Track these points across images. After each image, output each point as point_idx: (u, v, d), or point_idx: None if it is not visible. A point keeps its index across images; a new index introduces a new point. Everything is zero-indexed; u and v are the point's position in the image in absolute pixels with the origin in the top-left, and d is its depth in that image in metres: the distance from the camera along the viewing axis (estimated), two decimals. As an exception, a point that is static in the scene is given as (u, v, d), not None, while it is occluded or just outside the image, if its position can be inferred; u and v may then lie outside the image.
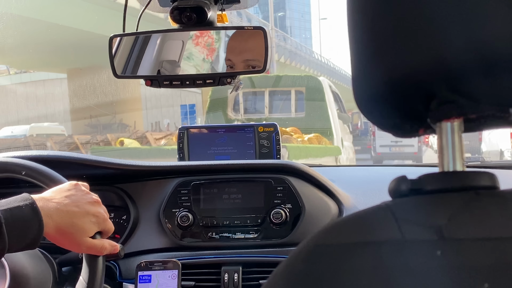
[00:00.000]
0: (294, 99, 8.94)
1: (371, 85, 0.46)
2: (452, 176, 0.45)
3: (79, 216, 0.98)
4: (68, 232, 0.97)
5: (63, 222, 0.95)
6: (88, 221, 0.99)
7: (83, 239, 0.99)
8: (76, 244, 0.99)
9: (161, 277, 1.33)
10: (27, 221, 0.88)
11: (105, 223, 1.04)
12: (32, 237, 0.88)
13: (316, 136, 8.13)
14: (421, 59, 0.42)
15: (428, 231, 0.40)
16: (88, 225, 0.99)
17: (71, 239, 0.98)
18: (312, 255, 0.43)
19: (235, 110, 8.97)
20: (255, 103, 9.27)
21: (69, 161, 1.38)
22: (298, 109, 8.92)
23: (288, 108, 9.01)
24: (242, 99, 9.04)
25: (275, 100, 9.17)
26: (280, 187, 1.43)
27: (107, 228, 1.05)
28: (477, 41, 0.40)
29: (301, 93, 8.88)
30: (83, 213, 0.99)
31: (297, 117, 8.75)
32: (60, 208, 0.96)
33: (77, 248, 1.00)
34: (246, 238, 1.41)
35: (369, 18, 0.45)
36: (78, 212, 0.98)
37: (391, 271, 0.39)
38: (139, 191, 1.49)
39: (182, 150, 1.68)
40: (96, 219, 1.01)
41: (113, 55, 1.17)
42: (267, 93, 9.04)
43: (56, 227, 0.94)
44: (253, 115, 8.86)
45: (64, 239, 0.97)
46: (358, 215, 0.45)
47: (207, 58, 1.19)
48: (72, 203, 0.98)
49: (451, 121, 0.45)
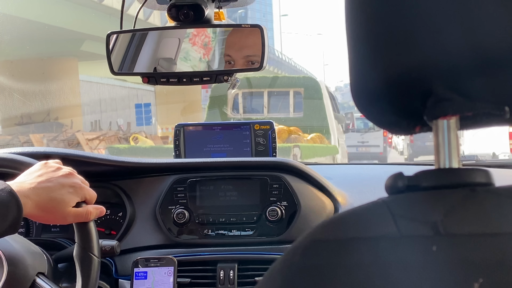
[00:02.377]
0: (292, 99, 8.98)
1: (369, 83, 0.47)
2: (448, 173, 0.46)
3: (55, 189, 1.01)
4: (50, 207, 1.00)
5: (41, 199, 0.98)
6: (65, 192, 1.02)
7: (66, 210, 1.02)
8: (61, 216, 1.02)
9: (157, 273, 1.33)
10: (5, 204, 0.91)
11: (83, 191, 1.06)
12: (12, 219, 0.91)
13: (318, 136, 8.14)
14: (418, 57, 0.43)
15: (424, 227, 0.41)
16: (67, 196, 1.02)
17: (55, 213, 1.01)
18: (309, 250, 0.44)
19: (234, 110, 8.99)
20: (254, 103, 9.30)
21: (65, 158, 1.38)
22: (296, 109, 8.95)
23: (286, 108, 9.04)
24: (241, 99, 9.07)
25: (274, 100, 9.19)
26: (276, 184, 1.43)
27: (88, 196, 1.07)
28: (473, 40, 0.41)
29: (299, 93, 8.92)
30: (58, 186, 1.02)
31: (295, 117, 8.78)
32: (36, 186, 0.99)
33: (63, 219, 1.03)
34: (242, 236, 1.42)
35: (367, 17, 0.45)
36: (53, 186, 1.01)
37: (387, 266, 0.40)
38: (135, 188, 1.49)
39: (179, 147, 1.69)
40: (73, 189, 1.04)
41: (110, 52, 1.18)
42: (266, 93, 9.07)
43: (36, 206, 0.97)
44: (252, 115, 8.88)
45: (48, 215, 1.01)
46: (355, 211, 0.46)
47: (204, 57, 1.19)
48: (46, 180, 1.01)
49: (447, 119, 0.46)
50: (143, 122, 16.76)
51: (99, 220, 1.48)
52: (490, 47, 0.41)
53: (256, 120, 1.69)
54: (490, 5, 0.40)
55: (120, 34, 1.19)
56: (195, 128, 1.70)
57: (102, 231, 1.47)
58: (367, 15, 0.45)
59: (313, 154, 7.56)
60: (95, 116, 18.30)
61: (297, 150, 6.75)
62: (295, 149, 6.73)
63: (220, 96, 8.91)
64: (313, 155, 7.51)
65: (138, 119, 17.03)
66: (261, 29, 1.11)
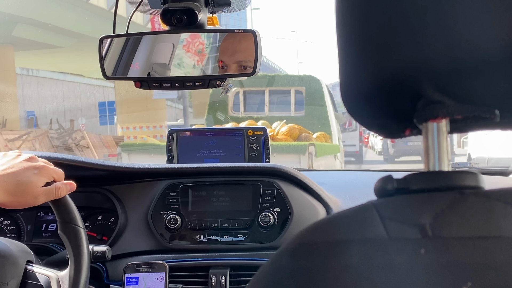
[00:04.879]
0: (293, 98, 9.01)
1: (359, 85, 0.47)
2: (437, 176, 0.46)
3: (20, 173, 1.04)
4: (19, 191, 1.03)
5: (8, 185, 1.02)
6: (31, 174, 1.05)
7: (35, 191, 1.05)
8: (31, 198, 1.05)
9: (148, 279, 1.32)
10: None
11: (49, 171, 1.08)
12: None
13: (323, 135, 8.14)
14: (408, 59, 0.42)
15: (412, 229, 0.41)
16: (33, 178, 1.05)
17: (25, 196, 1.04)
18: (297, 253, 0.44)
19: (235, 109, 9.01)
20: (255, 102, 9.31)
21: (57, 162, 1.37)
22: (298, 108, 8.98)
23: (287, 107, 9.07)
24: (242, 97, 9.09)
25: (275, 99, 9.22)
26: (269, 190, 1.43)
27: (55, 175, 1.10)
28: (460, 43, 0.41)
29: (300, 92, 8.95)
30: (22, 170, 1.04)
31: (296, 116, 8.79)
32: (0, 174, 1.03)
33: (35, 200, 1.05)
34: (234, 241, 1.41)
35: (356, 18, 0.45)
36: (17, 171, 1.04)
37: (375, 269, 0.40)
38: (127, 193, 1.48)
39: (171, 152, 1.68)
40: (38, 170, 1.06)
41: (103, 56, 1.17)
42: (267, 92, 9.09)
43: (5, 192, 1.01)
44: (253, 114, 8.89)
45: (19, 199, 1.04)
46: (344, 214, 0.45)
47: (198, 64, 1.19)
48: (8, 167, 1.05)
49: (437, 122, 0.46)
50: (107, 121, 16.39)
51: (91, 226, 1.48)
52: (476, 51, 0.41)
53: (259, 120, 1.69)
54: (477, 10, 0.40)
55: (113, 38, 1.19)
56: (188, 134, 1.70)
57: (94, 236, 1.46)
58: (356, 16, 0.45)
59: (323, 152, 7.58)
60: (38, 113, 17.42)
61: (312, 148, 6.75)
62: (310, 147, 6.73)
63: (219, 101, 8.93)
64: (323, 153, 7.53)
65: (102, 118, 16.66)
66: (255, 34, 1.11)
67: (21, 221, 1.49)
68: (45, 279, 1.10)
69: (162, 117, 15.83)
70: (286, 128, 7.47)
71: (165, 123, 15.30)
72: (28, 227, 1.49)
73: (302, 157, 6.61)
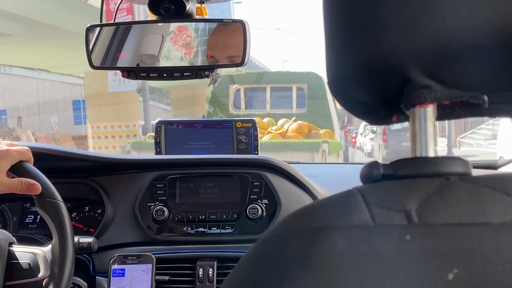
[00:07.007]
0: (295, 95, 8.99)
1: (345, 69, 0.46)
2: (424, 162, 0.45)
3: None
4: None
5: None
6: None
7: None
8: None
9: (134, 271, 1.31)
10: None
11: (12, 153, 1.06)
12: None
13: (328, 132, 8.16)
14: (395, 43, 0.42)
15: (398, 215, 0.40)
16: None
17: None
18: (281, 239, 0.43)
19: (236, 106, 8.98)
20: (257, 99, 9.28)
21: (43, 153, 1.36)
22: (299, 105, 8.96)
23: (289, 104, 9.06)
24: (243, 94, 9.06)
25: (277, 96, 9.19)
26: (257, 182, 1.42)
27: (20, 155, 1.08)
28: (448, 27, 0.40)
29: (302, 89, 8.94)
30: None
31: (298, 113, 8.77)
32: None
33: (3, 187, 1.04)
34: (222, 233, 1.41)
35: (343, 1, 0.44)
36: None
37: (360, 255, 0.39)
38: (114, 184, 1.47)
39: (159, 144, 1.67)
40: (1, 154, 1.04)
41: (90, 46, 1.16)
42: (269, 89, 9.08)
43: None
44: (254, 111, 8.87)
45: None
46: (328, 200, 0.45)
47: (185, 57, 1.19)
48: None
49: (424, 107, 0.45)
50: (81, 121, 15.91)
51: (77, 217, 1.46)
52: (458, 39, 0.40)
53: (261, 117, 1.69)
54: None
55: (102, 27, 1.18)
56: (176, 125, 1.69)
57: (80, 227, 1.45)
58: (343, 0, 0.44)
59: (334, 150, 7.59)
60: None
61: (325, 146, 6.75)
62: (324, 144, 6.73)
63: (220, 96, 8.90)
64: (334, 151, 7.55)
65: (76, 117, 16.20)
66: (243, 24, 1.10)
67: (6, 212, 1.48)
68: (31, 257, 1.08)
69: (136, 115, 14.80)
70: (295, 125, 7.47)
71: (138, 122, 14.47)
72: (14, 218, 1.47)
73: (315, 155, 6.58)
